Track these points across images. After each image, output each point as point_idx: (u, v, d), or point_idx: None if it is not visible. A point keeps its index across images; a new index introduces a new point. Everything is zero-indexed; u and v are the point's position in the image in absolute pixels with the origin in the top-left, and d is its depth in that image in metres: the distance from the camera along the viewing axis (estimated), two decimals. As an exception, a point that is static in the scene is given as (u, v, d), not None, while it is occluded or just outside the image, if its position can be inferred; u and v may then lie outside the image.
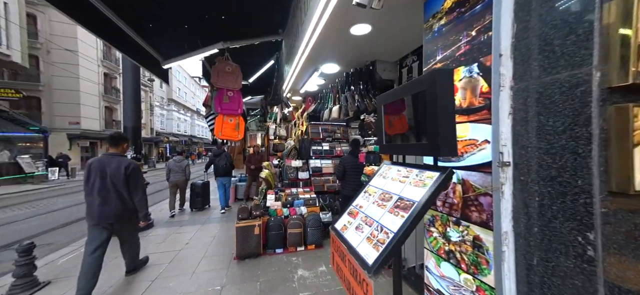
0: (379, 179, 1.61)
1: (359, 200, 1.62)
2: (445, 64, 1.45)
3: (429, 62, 1.60)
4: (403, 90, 1.34)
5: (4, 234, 5.09)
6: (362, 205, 1.53)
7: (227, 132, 3.43)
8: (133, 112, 4.80)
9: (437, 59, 1.52)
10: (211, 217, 5.68)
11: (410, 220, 1.03)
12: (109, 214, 2.52)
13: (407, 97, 1.31)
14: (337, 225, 1.57)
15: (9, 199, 8.74)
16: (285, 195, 4.26)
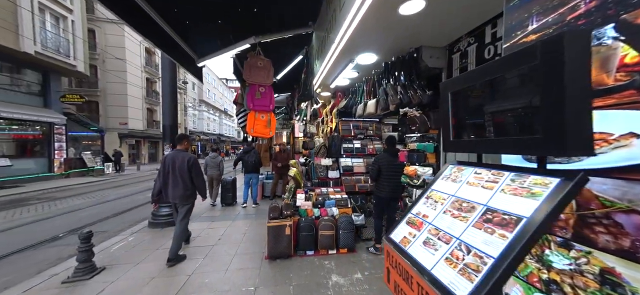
0: (446, 183, 1.31)
1: (420, 207, 1.35)
2: (543, 35, 1.10)
3: (513, 37, 1.25)
4: (492, 69, 1.03)
5: (72, 221, 5.74)
6: (427, 214, 1.25)
7: (258, 129, 3.36)
8: (171, 111, 5.04)
9: (528, 30, 1.18)
10: (240, 214, 5.78)
11: (522, 244, 0.74)
12: (176, 195, 3.27)
13: (499, 77, 1.00)
14: (395, 237, 1.32)
15: (76, 189, 10.02)
16: (316, 195, 4.09)
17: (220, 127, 43.42)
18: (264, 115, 3.39)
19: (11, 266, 3.54)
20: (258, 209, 6.14)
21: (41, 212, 6.49)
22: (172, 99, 5.06)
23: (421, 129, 2.73)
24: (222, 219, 5.33)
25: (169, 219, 4.84)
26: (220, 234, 4.46)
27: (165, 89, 4.95)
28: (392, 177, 3.39)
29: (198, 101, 34.90)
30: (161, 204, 4.58)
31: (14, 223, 5.52)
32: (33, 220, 5.73)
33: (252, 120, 3.35)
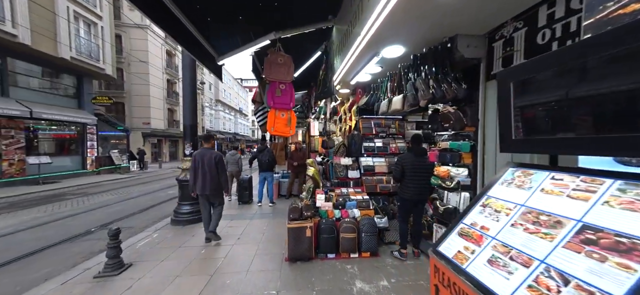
0: (509, 189, 1.12)
1: (474, 217, 1.16)
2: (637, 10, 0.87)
3: (600, 10, 1.02)
4: (586, 49, 0.82)
5: (102, 216, 6.07)
6: (487, 226, 1.06)
7: (279, 127, 3.28)
8: (191, 111, 5.12)
9: (622, 2, 0.94)
10: (257, 213, 5.79)
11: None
12: (206, 187, 3.69)
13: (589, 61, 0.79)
14: (445, 250, 1.14)
15: (106, 186, 10.67)
16: (336, 195, 3.95)
17: (235, 126, 44.54)
18: (284, 113, 3.30)
19: (51, 258, 3.75)
20: (275, 208, 6.13)
21: (76, 207, 6.92)
22: (192, 99, 5.14)
23: (456, 126, 2.48)
24: (240, 218, 5.35)
25: (190, 217, 4.94)
26: (239, 232, 4.46)
27: (186, 89, 5.04)
28: (417, 177, 3.18)
29: (214, 101, 35.98)
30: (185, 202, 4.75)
31: (53, 217, 5.91)
32: (69, 214, 6.11)
33: (273, 118, 3.27)
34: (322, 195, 3.86)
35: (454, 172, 2.66)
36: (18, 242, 4.33)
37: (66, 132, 12.73)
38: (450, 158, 2.63)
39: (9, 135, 10.08)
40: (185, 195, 5.00)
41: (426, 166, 3.16)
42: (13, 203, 7.47)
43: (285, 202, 6.66)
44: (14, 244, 4.25)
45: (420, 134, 3.77)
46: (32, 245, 4.15)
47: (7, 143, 10.01)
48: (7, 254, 3.83)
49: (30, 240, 4.42)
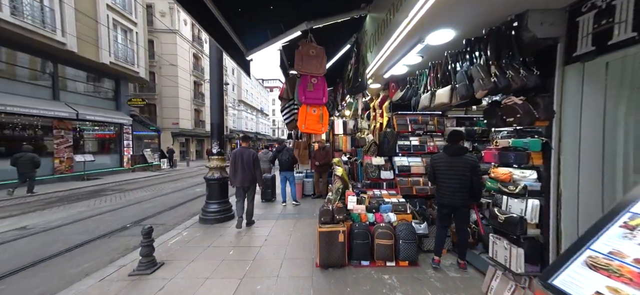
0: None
1: (615, 243, 0.83)
2: None
3: None
4: None
5: (137, 212, 6.39)
6: None
7: (310, 124, 3.08)
8: (218, 110, 5.13)
9: None
10: (282, 212, 5.68)
11: None
12: (244, 180, 4.31)
13: None
14: (568, 287, 0.83)
15: (140, 182, 11.38)
16: (369, 197, 3.65)
17: (257, 126, 45.73)
18: (316, 109, 3.09)
19: (91, 252, 3.93)
20: (299, 208, 5.99)
21: (114, 203, 7.38)
22: (219, 97, 5.14)
23: (524, 121, 2.07)
24: (266, 218, 5.27)
25: (218, 215, 4.95)
26: (266, 234, 4.35)
27: (213, 87, 5.05)
28: (453, 180, 2.83)
29: (237, 101, 37.19)
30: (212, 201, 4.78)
31: (95, 211, 6.32)
32: (108, 209, 6.50)
33: (304, 115, 3.07)
34: (353, 198, 3.59)
35: (518, 175, 2.25)
36: (65, 235, 4.64)
37: (106, 132, 13.81)
38: (515, 158, 2.21)
39: (59, 135, 11.13)
40: (213, 194, 5.03)
41: (464, 167, 2.77)
42: (62, 197, 8.19)
43: (310, 202, 6.51)
44: (62, 237, 4.55)
45: (460, 130, 3.34)
46: (75, 238, 4.41)
47: (58, 142, 11.07)
48: (54, 246, 4.08)
49: (74, 233, 4.72)
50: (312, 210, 5.85)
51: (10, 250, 4.00)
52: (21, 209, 6.58)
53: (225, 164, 5.24)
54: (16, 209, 6.65)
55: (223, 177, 5.10)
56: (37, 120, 10.37)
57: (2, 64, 9.63)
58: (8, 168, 8.81)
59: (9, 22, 8.51)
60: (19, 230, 4.92)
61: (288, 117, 4.71)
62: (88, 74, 12.79)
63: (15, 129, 9.84)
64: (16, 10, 8.95)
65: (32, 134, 10.39)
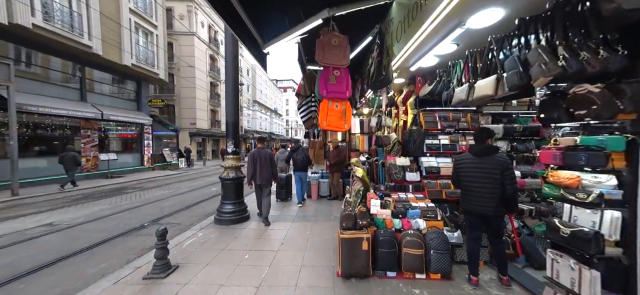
0: None
1: None
2: None
3: None
4: None
5: (155, 210, 6.48)
6: None
7: (332, 121, 2.82)
8: (233, 107, 5.01)
9: None
10: (298, 214, 5.47)
11: None
12: (263, 178, 4.54)
13: None
14: None
15: (159, 181, 11.72)
16: (394, 201, 3.33)
17: (271, 126, 46.23)
18: (338, 104, 2.83)
19: (109, 251, 3.92)
20: (315, 209, 5.76)
21: (134, 201, 7.54)
22: (234, 93, 5.02)
23: (602, 114, 1.68)
24: (282, 220, 5.08)
25: (232, 216, 4.83)
26: (282, 237, 4.15)
27: (229, 84, 4.94)
28: (480, 184, 2.48)
29: (252, 102, 37.74)
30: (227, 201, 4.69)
31: (115, 209, 6.46)
32: (127, 208, 6.63)
33: (325, 110, 2.82)
34: (376, 201, 3.28)
35: (589, 180, 1.85)
36: (86, 232, 4.71)
37: (128, 132, 14.38)
38: (588, 160, 1.81)
39: (86, 135, 11.69)
40: (228, 194, 4.92)
41: (493, 169, 2.42)
42: (88, 194, 8.52)
43: (326, 204, 6.25)
44: (83, 234, 4.63)
45: (486, 128, 2.92)
46: (95, 237, 4.45)
47: (85, 141, 11.63)
48: (75, 244, 4.13)
49: (95, 231, 4.78)
50: (328, 212, 5.60)
51: (36, 246, 4.09)
52: (51, 205, 6.88)
53: (240, 164, 5.12)
54: (46, 205, 6.96)
55: (238, 177, 4.97)
56: (67, 121, 10.93)
57: (37, 68, 10.24)
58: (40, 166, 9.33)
59: (41, 27, 9.00)
60: (46, 227, 5.08)
61: (305, 114, 4.49)
62: (112, 77, 13.35)
63: (47, 129, 10.43)
64: (48, 15, 9.45)
65: (62, 134, 10.97)
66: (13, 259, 3.65)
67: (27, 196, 7.73)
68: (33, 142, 9.91)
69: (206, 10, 25.09)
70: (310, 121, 4.46)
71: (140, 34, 14.41)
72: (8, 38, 8.92)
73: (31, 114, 9.37)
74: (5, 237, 4.49)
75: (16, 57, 9.40)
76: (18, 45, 9.38)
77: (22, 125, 9.45)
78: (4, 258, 3.68)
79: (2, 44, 8.90)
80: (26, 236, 4.51)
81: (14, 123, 7.79)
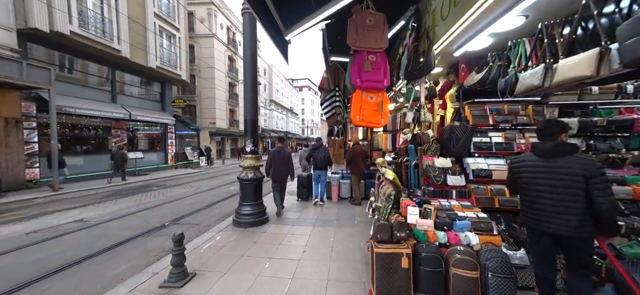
0: None
1: None
2: None
3: None
4: None
5: (176, 209, 6.50)
6: None
7: (367, 115, 2.41)
8: (252, 104, 4.78)
9: None
10: (319, 218, 5.12)
11: None
12: (280, 175, 4.97)
13: None
14: None
15: (181, 179, 12.03)
16: (435, 209, 2.83)
17: (287, 125, 46.54)
18: (373, 96, 2.41)
19: (129, 252, 3.85)
20: (338, 212, 5.37)
21: (157, 199, 7.67)
22: (253, 91, 4.79)
23: None
24: (302, 223, 4.76)
25: (251, 218, 4.60)
26: (303, 243, 3.81)
27: (247, 81, 4.71)
28: (551, 194, 1.87)
29: (268, 101, 38.18)
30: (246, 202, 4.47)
31: (139, 207, 6.57)
32: (150, 206, 6.71)
33: (358, 103, 2.41)
34: (414, 209, 2.81)
35: None
36: (110, 230, 4.74)
37: (153, 131, 15.00)
38: None
39: (116, 134, 12.31)
40: (246, 195, 4.69)
41: (571, 174, 1.79)
42: (116, 192, 8.88)
43: (347, 207, 5.82)
44: (108, 232, 4.66)
45: (556, 120, 2.23)
46: (119, 235, 4.45)
47: (115, 141, 12.25)
48: (100, 243, 4.12)
49: (119, 229, 4.80)
50: (350, 216, 5.19)
51: (65, 243, 4.15)
52: (84, 201, 7.18)
53: (259, 164, 4.87)
54: (80, 201, 7.29)
55: (257, 177, 4.73)
56: (100, 121, 11.57)
57: (75, 72, 10.93)
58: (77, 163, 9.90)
59: (77, 33, 9.52)
60: (77, 223, 5.22)
61: (329, 110, 4.11)
62: (139, 79, 13.97)
63: (83, 129, 11.11)
64: (83, 22, 10.01)
65: (96, 134, 11.64)
66: (44, 255, 3.70)
67: (65, 192, 8.20)
68: (71, 141, 10.60)
69: (225, 11, 25.64)
70: (334, 117, 4.08)
71: (164, 37, 14.93)
72: (49, 44, 9.57)
73: (70, 115, 9.99)
74: (40, 232, 4.65)
75: (56, 62, 10.06)
76: (57, 51, 10.04)
77: (62, 126, 10.12)
78: (36, 254, 3.75)
79: (43, 51, 9.56)
80: (58, 232, 4.63)
81: (54, 123, 8.30)
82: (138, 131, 14.10)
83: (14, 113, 8.27)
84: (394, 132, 7.96)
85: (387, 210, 3.61)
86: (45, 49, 9.64)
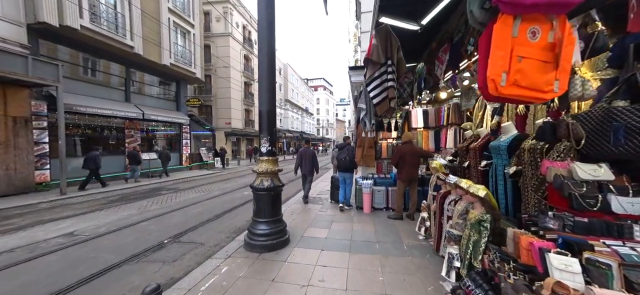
0: None
1: None
2: None
3: None
4: None
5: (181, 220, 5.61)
6: None
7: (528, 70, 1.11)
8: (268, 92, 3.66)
9: None
10: (355, 236, 3.90)
11: None
12: (308, 170, 6.21)
13: None
14: None
15: (193, 181, 11.41)
16: (619, 264, 1.47)
17: (302, 125, 45.73)
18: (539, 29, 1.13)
19: (106, 291, 2.85)
20: (377, 232, 4.08)
21: (163, 206, 6.84)
22: (270, 77, 3.68)
23: None
24: (334, 247, 3.57)
25: (267, 240, 3.47)
26: (342, 285, 2.60)
27: (262, 61, 3.62)
28: None
29: (284, 101, 37.52)
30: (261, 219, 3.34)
31: (142, 216, 5.73)
32: (154, 214, 5.86)
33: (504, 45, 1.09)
34: (567, 261, 1.48)
35: None
36: (98, 251, 3.84)
37: (168, 131, 14.58)
38: None
39: (130, 134, 11.91)
40: (261, 210, 3.58)
41: None
42: (124, 195, 8.24)
43: (388, 223, 4.41)
44: (94, 253, 3.76)
45: None
46: (102, 260, 3.51)
47: (129, 141, 11.84)
48: (74, 272, 3.20)
49: (107, 250, 3.89)
50: (396, 238, 3.91)
51: (35, 270, 3.27)
52: (87, 207, 6.53)
53: (278, 168, 3.75)
54: (83, 206, 6.65)
55: (275, 186, 3.60)
56: (113, 121, 11.19)
57: (88, 70, 10.61)
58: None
59: (88, 28, 9.07)
60: (65, 237, 4.42)
61: (379, 92, 2.88)
62: (153, 78, 13.55)
63: (96, 129, 10.74)
64: (95, 16, 9.58)
65: (109, 134, 11.27)
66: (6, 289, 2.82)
67: (70, 196, 7.67)
68: (83, 141, 10.22)
69: (241, 10, 25.21)
70: (385, 103, 2.83)
71: (178, 33, 14.48)
72: (59, 40, 9.20)
73: (82, 114, 9.59)
74: (17, 251, 3.85)
75: (67, 60, 9.70)
76: (69, 48, 9.67)
77: (74, 126, 9.76)
78: None
79: (52, 46, 9.20)
80: (37, 252, 3.80)
81: (62, 122, 7.82)
82: (152, 132, 13.72)
83: (23, 112, 7.89)
84: (438, 128, 6.52)
85: (477, 246, 2.29)
86: (56, 46, 9.31)
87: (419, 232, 4.04)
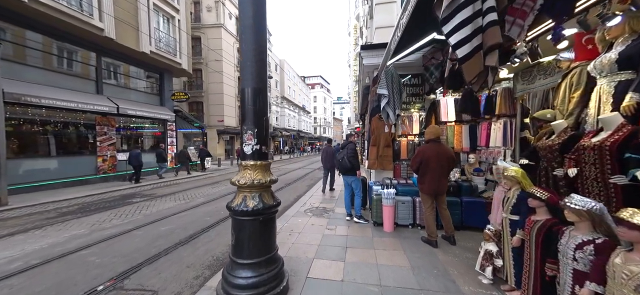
0: None
1: None
2: None
3: None
4: None
5: (139, 246, 4.19)
6: None
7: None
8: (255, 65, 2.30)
9: None
10: (383, 281, 2.54)
11: None
12: (326, 166, 7.59)
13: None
14: None
15: (176, 186, 9.91)
16: None
17: (299, 124, 44.26)
18: None
19: None
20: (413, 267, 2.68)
21: (124, 221, 5.40)
22: (258, 38, 2.32)
23: None
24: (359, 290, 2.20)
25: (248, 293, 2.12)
26: None
27: (246, 17, 2.23)
28: None
29: (280, 98, 36.00)
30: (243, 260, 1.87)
31: (89, 239, 4.30)
32: (107, 235, 4.41)
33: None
34: None
35: None
36: None
37: (150, 129, 13.01)
38: None
39: (102, 131, 10.34)
40: (244, 246, 2.22)
41: None
42: (85, 204, 6.75)
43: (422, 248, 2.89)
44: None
45: None
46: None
47: (101, 139, 10.27)
48: None
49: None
50: (441, 274, 2.59)
51: None
52: (24, 224, 5.05)
53: (271, 179, 2.38)
54: (20, 223, 5.16)
55: (267, 206, 2.25)
56: (80, 117, 9.61)
57: (48, 56, 8.99)
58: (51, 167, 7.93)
59: (38, 1, 7.47)
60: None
61: (465, 35, 1.50)
62: (128, 67, 11.89)
63: (57, 125, 9.15)
64: (52, -9, 7.98)
65: (75, 130, 9.67)
66: None
67: (12, 207, 6.16)
68: (36, 139, 8.56)
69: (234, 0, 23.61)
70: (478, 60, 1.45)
71: (161, 17, 12.90)
72: (3, 16, 7.54)
73: (35, 107, 8.00)
74: None
75: (14, 40, 8.01)
76: (18, 27, 8.00)
77: (24, 122, 8.17)
78: None
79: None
80: None
81: (1, 116, 6.28)
82: (133, 129, 12.14)
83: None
84: (473, 122, 5.22)
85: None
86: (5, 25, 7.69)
87: (482, 273, 2.72)
